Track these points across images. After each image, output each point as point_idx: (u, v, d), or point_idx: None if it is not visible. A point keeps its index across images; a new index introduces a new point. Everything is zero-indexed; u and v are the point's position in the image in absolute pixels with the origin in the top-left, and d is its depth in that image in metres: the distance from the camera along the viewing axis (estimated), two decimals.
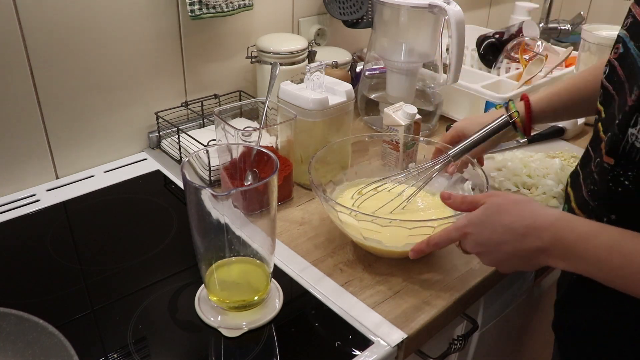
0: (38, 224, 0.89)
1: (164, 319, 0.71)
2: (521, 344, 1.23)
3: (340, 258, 0.81)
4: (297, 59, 1.11)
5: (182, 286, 0.76)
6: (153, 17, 1.01)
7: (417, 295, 0.75)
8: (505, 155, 1.06)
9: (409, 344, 0.69)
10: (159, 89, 1.07)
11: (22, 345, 0.61)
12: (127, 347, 0.66)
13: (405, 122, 0.99)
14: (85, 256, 0.83)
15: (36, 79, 0.91)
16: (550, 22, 1.77)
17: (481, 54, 1.38)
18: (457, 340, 0.83)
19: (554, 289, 1.17)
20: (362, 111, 1.24)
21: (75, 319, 0.70)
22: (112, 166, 1.05)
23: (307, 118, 0.92)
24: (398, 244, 0.76)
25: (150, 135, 1.10)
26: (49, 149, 0.97)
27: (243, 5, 1.08)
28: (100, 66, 0.97)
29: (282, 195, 0.93)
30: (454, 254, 0.83)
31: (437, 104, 1.19)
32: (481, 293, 0.82)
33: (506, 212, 0.65)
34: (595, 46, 1.21)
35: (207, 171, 0.96)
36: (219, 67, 1.14)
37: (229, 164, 0.91)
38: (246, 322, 0.69)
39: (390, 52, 1.15)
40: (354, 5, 1.22)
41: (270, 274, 0.72)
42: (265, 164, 0.92)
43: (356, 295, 0.74)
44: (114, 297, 0.74)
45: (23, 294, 0.74)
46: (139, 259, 0.82)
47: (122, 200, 0.96)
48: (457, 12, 1.04)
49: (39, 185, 0.98)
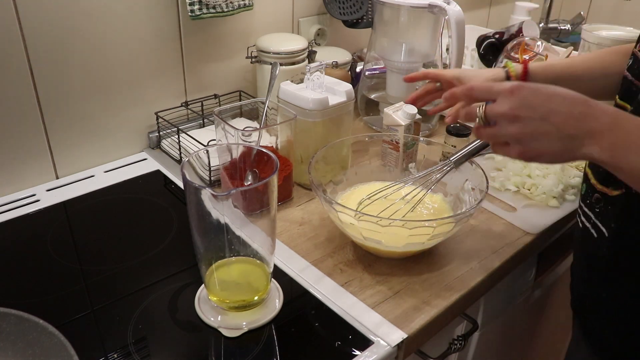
0: (38, 224, 0.89)
1: (164, 319, 0.71)
2: (521, 344, 1.23)
3: (340, 258, 0.81)
4: (297, 59, 1.11)
5: (182, 286, 0.76)
6: (153, 17, 1.01)
7: (417, 295, 0.75)
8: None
9: (409, 344, 0.69)
10: (159, 89, 1.07)
11: (22, 345, 0.61)
12: (127, 347, 0.66)
13: (405, 122, 0.99)
14: (85, 256, 0.83)
15: (36, 79, 0.91)
16: (550, 22, 1.77)
17: (481, 54, 1.38)
18: (457, 340, 0.83)
19: (554, 288, 1.17)
20: (362, 111, 1.24)
21: (75, 319, 0.70)
22: (112, 166, 1.05)
23: (307, 118, 0.92)
24: (398, 244, 0.77)
25: (150, 135, 1.10)
26: (49, 149, 0.97)
27: (243, 5, 1.08)
28: (101, 66, 0.97)
29: (282, 195, 0.93)
30: (453, 254, 0.83)
31: (437, 104, 1.19)
32: (481, 293, 0.82)
33: (560, 88, 0.59)
34: (595, 46, 1.21)
35: (207, 171, 0.96)
36: (219, 67, 1.14)
37: (229, 164, 0.91)
38: (246, 322, 0.69)
39: (390, 52, 1.15)
40: (354, 5, 1.22)
41: (270, 274, 0.72)
42: (266, 164, 0.92)
43: (356, 295, 0.74)
44: (114, 297, 0.74)
45: (23, 294, 0.74)
46: (139, 259, 0.82)
47: (122, 200, 0.96)
48: (457, 12, 1.04)
49: (39, 185, 0.98)
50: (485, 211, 0.93)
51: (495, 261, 0.82)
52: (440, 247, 0.84)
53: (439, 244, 0.84)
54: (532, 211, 0.93)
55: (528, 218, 0.91)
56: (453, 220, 0.75)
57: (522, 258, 0.87)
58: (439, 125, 1.22)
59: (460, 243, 0.85)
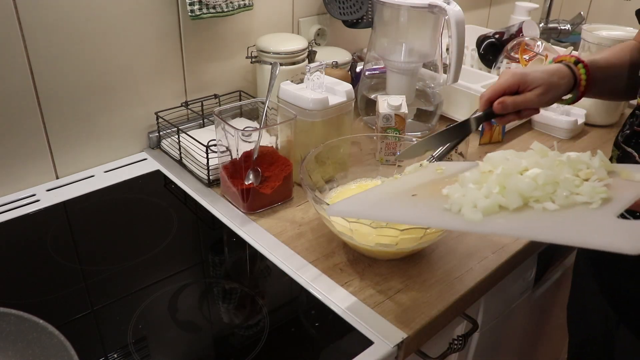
0: (38, 224, 0.89)
1: (164, 319, 0.71)
2: (521, 344, 1.23)
3: (340, 258, 0.81)
4: (297, 59, 1.11)
5: (182, 286, 0.76)
6: (153, 17, 1.01)
7: (417, 295, 0.75)
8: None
9: (409, 344, 0.69)
10: (159, 89, 1.07)
11: (22, 345, 0.61)
12: (127, 347, 0.66)
13: (385, 111, 1.02)
14: (85, 256, 0.83)
15: (36, 79, 0.91)
16: (550, 22, 1.77)
17: (481, 54, 1.38)
18: (457, 340, 0.83)
19: (553, 289, 1.17)
20: (362, 111, 1.24)
21: (75, 319, 0.70)
22: (112, 166, 1.05)
23: (307, 118, 0.92)
24: (369, 242, 0.76)
25: (150, 135, 1.10)
26: (49, 149, 0.97)
27: (243, 5, 1.08)
28: (100, 66, 0.97)
29: (282, 195, 0.93)
30: (453, 254, 0.83)
31: (437, 104, 1.19)
32: (481, 293, 0.82)
33: None
34: (595, 46, 1.21)
35: (205, 171, 0.96)
36: (219, 67, 1.14)
37: (228, 163, 0.91)
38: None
39: (390, 52, 1.15)
40: (354, 5, 1.22)
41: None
42: (269, 163, 0.92)
43: (356, 295, 0.74)
44: (114, 297, 0.74)
45: (23, 294, 0.74)
46: (139, 259, 0.82)
47: (122, 200, 0.96)
48: (457, 12, 1.04)
49: (39, 185, 0.98)
50: None
51: (495, 261, 0.82)
52: (440, 247, 0.84)
53: (439, 244, 0.84)
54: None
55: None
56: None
57: (522, 258, 0.87)
58: (439, 125, 1.22)
59: (460, 243, 0.85)
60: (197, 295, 0.76)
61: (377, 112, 1.04)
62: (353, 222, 0.73)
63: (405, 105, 1.03)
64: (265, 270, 0.81)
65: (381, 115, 1.03)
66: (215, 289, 0.78)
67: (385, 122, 1.03)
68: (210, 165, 0.96)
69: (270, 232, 0.87)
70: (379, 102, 1.05)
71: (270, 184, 0.90)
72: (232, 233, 0.87)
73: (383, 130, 1.04)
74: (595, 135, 1.23)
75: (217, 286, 0.78)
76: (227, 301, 0.76)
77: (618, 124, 1.27)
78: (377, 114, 1.04)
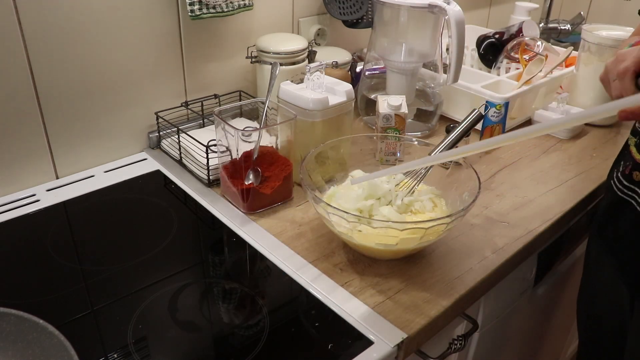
0: (38, 224, 0.89)
1: (164, 319, 0.71)
2: (521, 344, 1.23)
3: (340, 258, 0.81)
4: (297, 59, 1.11)
5: (182, 286, 0.76)
6: (153, 17, 1.01)
7: (417, 295, 0.75)
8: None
9: (409, 344, 0.69)
10: (159, 89, 1.07)
11: (22, 345, 0.61)
12: (127, 347, 0.66)
13: (385, 111, 1.01)
14: (85, 256, 0.83)
15: (36, 79, 0.91)
16: (550, 22, 1.77)
17: (481, 54, 1.38)
18: (457, 340, 0.83)
19: (553, 289, 1.17)
20: (362, 111, 1.24)
21: (75, 319, 0.70)
22: (112, 166, 1.05)
23: (307, 118, 0.92)
24: (369, 242, 0.76)
25: (150, 135, 1.10)
26: (49, 149, 0.97)
27: (243, 5, 1.08)
28: (100, 66, 0.97)
29: (282, 195, 0.93)
30: (453, 254, 0.83)
31: (437, 104, 1.19)
32: (481, 293, 0.82)
33: None
34: (595, 46, 1.21)
35: (205, 171, 0.96)
36: (219, 67, 1.14)
37: (228, 163, 0.91)
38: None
39: (390, 52, 1.15)
40: (354, 5, 1.22)
41: None
42: (269, 163, 0.92)
43: (356, 295, 0.74)
44: (114, 297, 0.74)
45: (23, 294, 0.74)
46: (139, 259, 0.82)
47: (122, 200, 0.96)
48: (457, 12, 1.04)
49: (39, 185, 0.98)
50: (485, 211, 0.93)
51: (495, 261, 0.82)
52: (440, 247, 0.84)
53: (439, 244, 0.84)
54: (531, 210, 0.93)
55: (528, 218, 0.91)
56: (447, 220, 0.73)
57: (522, 258, 0.87)
58: (439, 125, 1.22)
59: (460, 243, 0.85)
60: (197, 295, 0.76)
61: (377, 112, 1.05)
62: (353, 222, 0.73)
63: (405, 105, 1.03)
64: (265, 270, 0.81)
65: (381, 115, 1.03)
66: (215, 289, 0.78)
67: (385, 122, 1.03)
68: (210, 165, 0.96)
69: (270, 232, 0.87)
70: (379, 102, 1.05)
71: (270, 184, 0.90)
72: (232, 233, 0.87)
73: (383, 130, 1.04)
74: (595, 135, 1.23)
75: (217, 286, 0.78)
76: (227, 301, 0.76)
77: (618, 124, 1.27)
78: (377, 114, 1.04)
